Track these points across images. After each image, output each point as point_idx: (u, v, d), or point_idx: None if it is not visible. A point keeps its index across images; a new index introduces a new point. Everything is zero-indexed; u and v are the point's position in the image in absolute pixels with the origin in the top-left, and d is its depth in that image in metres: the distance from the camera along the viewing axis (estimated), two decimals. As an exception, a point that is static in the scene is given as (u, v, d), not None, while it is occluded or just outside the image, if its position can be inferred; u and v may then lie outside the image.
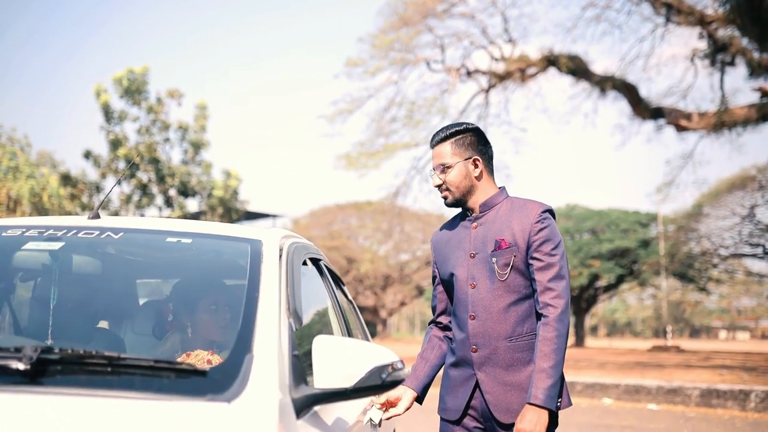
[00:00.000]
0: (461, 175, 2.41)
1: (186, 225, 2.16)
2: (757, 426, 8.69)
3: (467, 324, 2.36)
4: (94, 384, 1.30)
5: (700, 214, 28.41)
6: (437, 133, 2.48)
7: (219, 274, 2.24)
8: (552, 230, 2.35)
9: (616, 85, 18.39)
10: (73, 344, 2.06)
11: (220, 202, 17.84)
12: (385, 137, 21.40)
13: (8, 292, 2.16)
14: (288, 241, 2.12)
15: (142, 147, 17.25)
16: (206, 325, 2.24)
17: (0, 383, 1.27)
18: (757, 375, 15.29)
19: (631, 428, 8.34)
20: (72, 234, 1.90)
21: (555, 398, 2.21)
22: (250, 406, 1.28)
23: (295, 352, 1.54)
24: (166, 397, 1.28)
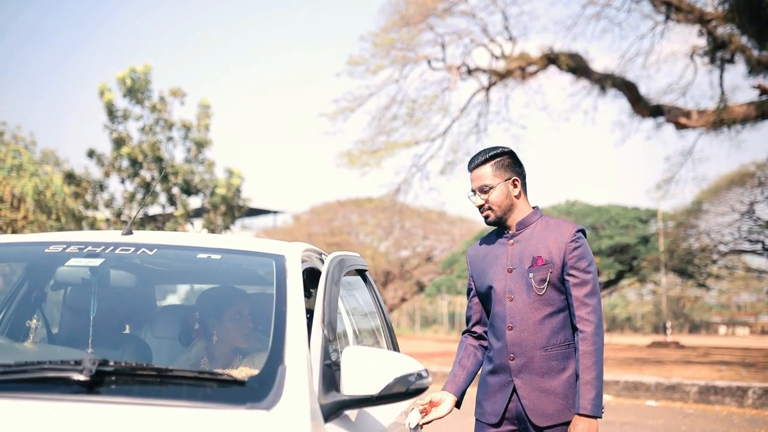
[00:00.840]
0: (502, 195, 2.60)
1: (215, 240, 2.30)
2: (754, 422, 8.84)
3: (505, 334, 2.54)
4: (145, 394, 1.44)
5: (699, 210, 28.54)
6: (476, 157, 2.66)
7: (246, 287, 2.39)
8: (585, 249, 2.54)
9: (616, 83, 18.52)
10: (112, 350, 2.22)
11: (222, 200, 17.96)
12: (387, 135, 21.53)
13: (53, 304, 2.32)
14: (313, 254, 2.27)
15: (145, 145, 17.36)
16: (231, 333, 2.38)
17: (62, 393, 1.42)
18: (756, 371, 15.44)
19: (630, 425, 8.50)
20: (110, 250, 2.04)
21: (600, 406, 2.42)
22: (286, 413, 1.43)
23: (327, 361, 1.67)
24: (210, 405, 1.42)
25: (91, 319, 2.16)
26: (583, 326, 2.47)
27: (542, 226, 2.60)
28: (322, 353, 1.68)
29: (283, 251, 2.18)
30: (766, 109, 18.14)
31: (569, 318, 2.54)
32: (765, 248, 28.23)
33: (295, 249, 2.27)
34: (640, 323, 57.81)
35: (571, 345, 2.54)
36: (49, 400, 1.40)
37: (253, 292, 2.54)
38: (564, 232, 2.54)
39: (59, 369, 1.42)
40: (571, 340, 2.54)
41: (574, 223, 2.61)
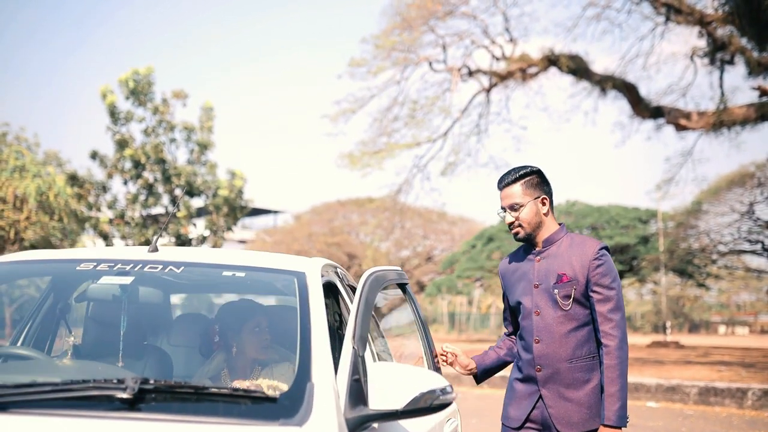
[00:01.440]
0: (532, 212, 2.73)
1: (237, 257, 2.40)
2: (754, 424, 8.94)
3: (532, 347, 2.69)
4: (184, 410, 1.53)
5: (699, 210, 28.62)
6: (507, 176, 2.79)
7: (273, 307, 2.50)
8: (608, 266, 2.66)
9: (616, 85, 18.60)
10: (138, 361, 2.32)
11: (225, 202, 18.08)
12: (388, 136, 21.62)
13: (86, 320, 2.41)
14: (329, 268, 2.37)
15: (148, 147, 17.46)
16: (250, 345, 2.48)
17: (106, 410, 1.51)
18: (756, 371, 15.54)
19: (630, 426, 8.60)
20: (138, 268, 2.14)
21: (624, 417, 2.58)
22: (317, 429, 1.52)
23: (355, 376, 1.75)
24: (245, 422, 1.51)
25: (122, 334, 2.26)
26: (607, 340, 2.61)
27: (567, 243, 2.73)
28: (351, 368, 1.76)
29: (303, 268, 2.27)
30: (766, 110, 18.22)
31: (593, 332, 2.68)
32: (765, 248, 28.33)
33: (315, 265, 2.36)
34: (639, 323, 57.92)
35: (595, 357, 2.68)
36: (94, 417, 1.49)
37: (272, 304, 2.63)
38: (588, 251, 2.66)
39: (104, 387, 1.51)
40: (595, 352, 2.68)
41: (598, 240, 2.74)
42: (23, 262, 2.30)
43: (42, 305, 2.70)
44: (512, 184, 2.75)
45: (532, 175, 2.76)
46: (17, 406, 1.48)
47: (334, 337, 2.64)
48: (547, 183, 2.82)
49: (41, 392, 1.49)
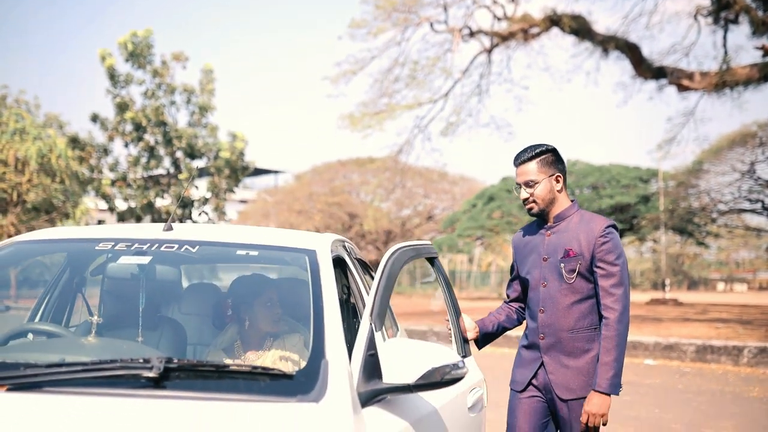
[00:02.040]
0: (546, 189, 2.84)
1: (249, 234, 2.47)
2: (749, 381, 9.13)
3: (537, 316, 2.84)
4: (206, 387, 1.63)
5: (700, 170, 28.62)
6: (523, 153, 2.89)
7: (282, 280, 2.58)
8: (614, 243, 2.78)
9: (619, 45, 18.44)
10: (153, 332, 2.42)
11: (226, 164, 18.10)
12: (389, 97, 21.53)
13: (105, 296, 2.51)
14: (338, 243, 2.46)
15: (148, 110, 17.41)
16: (261, 318, 2.57)
17: (132, 388, 1.60)
18: (753, 328, 15.77)
19: (628, 383, 8.77)
20: (155, 247, 2.22)
21: (617, 386, 2.70)
22: (332, 405, 1.61)
23: (371, 351, 1.83)
24: (264, 399, 1.60)
25: (141, 310, 2.36)
26: (607, 314, 2.73)
27: (577, 220, 2.84)
28: (367, 344, 1.85)
29: (314, 245, 2.35)
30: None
31: (596, 305, 2.80)
32: (765, 207, 28.42)
33: (325, 241, 2.44)
34: (639, 280, 58.34)
35: (596, 329, 2.80)
36: (122, 396, 1.58)
37: (282, 277, 2.72)
38: (595, 228, 2.78)
39: (131, 367, 1.60)
40: (596, 324, 2.80)
41: (607, 218, 2.83)
42: (44, 242, 2.38)
43: (59, 279, 2.79)
44: (528, 161, 2.85)
45: (547, 153, 2.87)
46: (49, 385, 1.57)
47: (343, 311, 2.75)
48: (562, 161, 2.92)
49: (72, 372, 1.58)
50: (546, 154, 2.87)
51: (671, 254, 52.21)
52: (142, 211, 17.70)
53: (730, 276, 59.33)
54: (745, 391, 8.29)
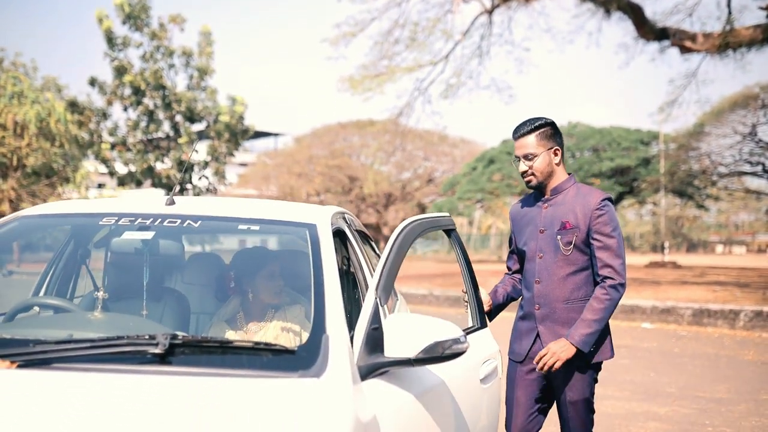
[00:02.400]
0: (545, 162, 2.87)
1: (251, 208, 2.51)
2: (744, 344, 9.26)
3: (533, 287, 2.89)
4: (211, 363, 1.67)
5: (701, 132, 28.50)
6: (522, 126, 2.92)
7: (283, 252, 2.62)
8: (610, 215, 2.82)
9: (621, 6, 18.21)
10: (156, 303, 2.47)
11: (226, 128, 18.06)
12: (389, 59, 21.36)
13: (109, 270, 2.55)
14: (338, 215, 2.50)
15: (147, 74, 17.31)
16: (263, 290, 2.62)
17: (139, 363, 1.65)
18: (750, 291, 15.91)
19: (626, 347, 8.91)
20: (158, 222, 2.25)
21: (589, 344, 2.74)
22: (333, 379, 1.66)
23: (374, 325, 1.87)
24: (267, 374, 1.65)
25: (144, 284, 2.40)
26: (603, 282, 2.79)
27: (574, 193, 2.89)
28: (371, 317, 1.89)
29: (314, 219, 2.38)
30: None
31: (591, 276, 2.85)
32: (765, 170, 28.39)
33: (325, 215, 2.47)
34: (638, 243, 58.54)
35: (585, 300, 2.84)
36: (129, 372, 1.63)
37: (283, 249, 2.75)
38: (591, 201, 2.82)
39: (138, 344, 1.65)
40: (585, 297, 2.84)
41: (603, 191, 2.88)
42: (48, 216, 2.41)
43: (64, 251, 2.83)
44: (527, 134, 2.89)
45: (546, 127, 2.89)
46: (58, 362, 1.62)
47: (344, 283, 2.79)
48: (560, 134, 2.95)
49: (80, 348, 1.63)
50: (545, 127, 2.89)
51: (671, 217, 52.32)
52: (142, 175, 17.75)
53: (729, 238, 59.52)
54: (740, 355, 8.41)
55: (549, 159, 2.88)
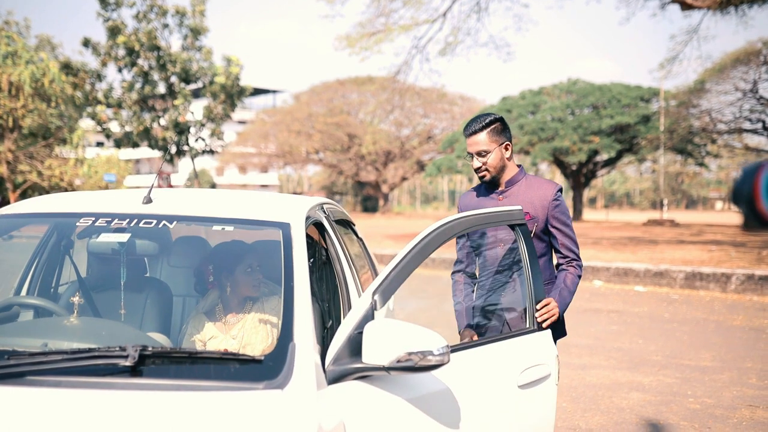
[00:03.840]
0: (497, 158, 2.97)
1: (229, 203, 2.54)
2: (734, 308, 9.37)
3: None
4: (180, 374, 1.72)
5: (702, 89, 28.30)
6: (472, 124, 2.98)
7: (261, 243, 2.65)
8: (564, 204, 2.99)
9: (622, -39, 17.92)
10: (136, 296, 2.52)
11: (221, 89, 17.94)
12: (386, 17, 21.12)
13: (88, 270, 2.60)
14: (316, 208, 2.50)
15: (141, 34, 17.12)
16: (241, 284, 2.67)
17: (110, 375, 1.70)
18: (746, 251, 16.01)
19: (617, 312, 9.03)
20: (134, 223, 2.29)
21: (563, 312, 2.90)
22: (296, 392, 1.71)
23: (359, 330, 1.90)
24: (233, 385, 1.70)
25: (122, 283, 2.45)
26: (566, 266, 2.97)
27: (526, 185, 3.00)
28: (360, 320, 1.93)
29: (289, 218, 2.41)
30: (776, -13, 17.64)
31: (549, 261, 3.01)
32: (765, 127, 28.28)
33: (300, 213, 2.50)
34: (637, 199, 58.56)
35: (551, 282, 2.99)
36: (100, 387, 1.68)
37: (260, 239, 2.79)
38: (547, 192, 2.95)
39: (109, 356, 1.70)
40: (551, 278, 3.00)
41: (553, 182, 3.00)
42: (25, 216, 2.45)
43: (47, 243, 2.87)
44: (479, 131, 2.96)
45: (496, 123, 2.97)
46: (32, 375, 1.67)
47: (320, 276, 2.84)
48: (508, 129, 3.03)
49: (54, 361, 1.68)
50: (495, 123, 2.96)
51: (670, 173, 52.28)
52: (139, 137, 17.70)
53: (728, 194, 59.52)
54: (728, 320, 8.52)
55: (501, 154, 2.96)
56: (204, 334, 2.63)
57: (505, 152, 2.98)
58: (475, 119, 3.00)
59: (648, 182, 58.09)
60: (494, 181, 3.02)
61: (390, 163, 47.75)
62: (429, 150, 46.87)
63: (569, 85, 34.67)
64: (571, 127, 32.65)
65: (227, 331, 2.66)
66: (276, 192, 65.67)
